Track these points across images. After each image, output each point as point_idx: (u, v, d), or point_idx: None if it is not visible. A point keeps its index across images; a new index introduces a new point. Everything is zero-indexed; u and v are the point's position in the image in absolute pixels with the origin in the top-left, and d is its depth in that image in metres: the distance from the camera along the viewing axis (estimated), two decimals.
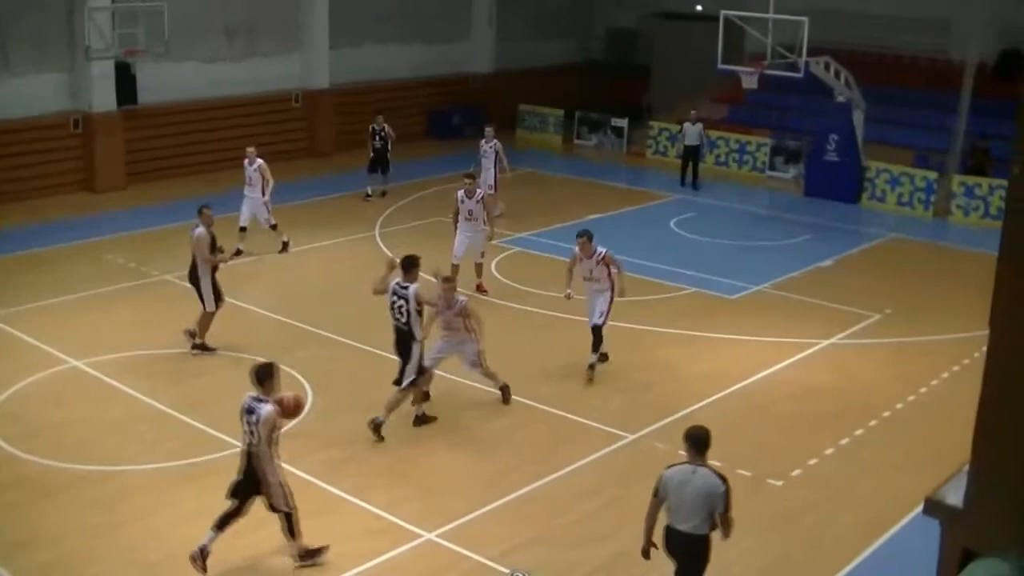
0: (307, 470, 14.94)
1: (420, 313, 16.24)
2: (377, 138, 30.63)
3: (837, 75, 31.30)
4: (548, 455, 15.75)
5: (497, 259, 25.02)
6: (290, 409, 12.80)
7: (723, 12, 29.98)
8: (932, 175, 31.14)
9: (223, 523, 12.67)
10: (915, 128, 34.92)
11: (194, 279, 19.46)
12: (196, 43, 32.77)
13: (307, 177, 32.76)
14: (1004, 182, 27.40)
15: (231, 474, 12.75)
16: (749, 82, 29.92)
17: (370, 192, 30.84)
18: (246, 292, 22.35)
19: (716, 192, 32.64)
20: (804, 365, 19.53)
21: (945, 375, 18.99)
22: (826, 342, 20.53)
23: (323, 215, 28.64)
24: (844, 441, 16.44)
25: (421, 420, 16.77)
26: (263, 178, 25.29)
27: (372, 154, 30.70)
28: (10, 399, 17.23)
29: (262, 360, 13.30)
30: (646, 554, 11.23)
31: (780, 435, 16.55)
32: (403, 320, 16.07)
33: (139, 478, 14.91)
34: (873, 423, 17.11)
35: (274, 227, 25.39)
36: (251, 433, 12.44)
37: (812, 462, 15.71)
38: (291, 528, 12.78)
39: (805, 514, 14.45)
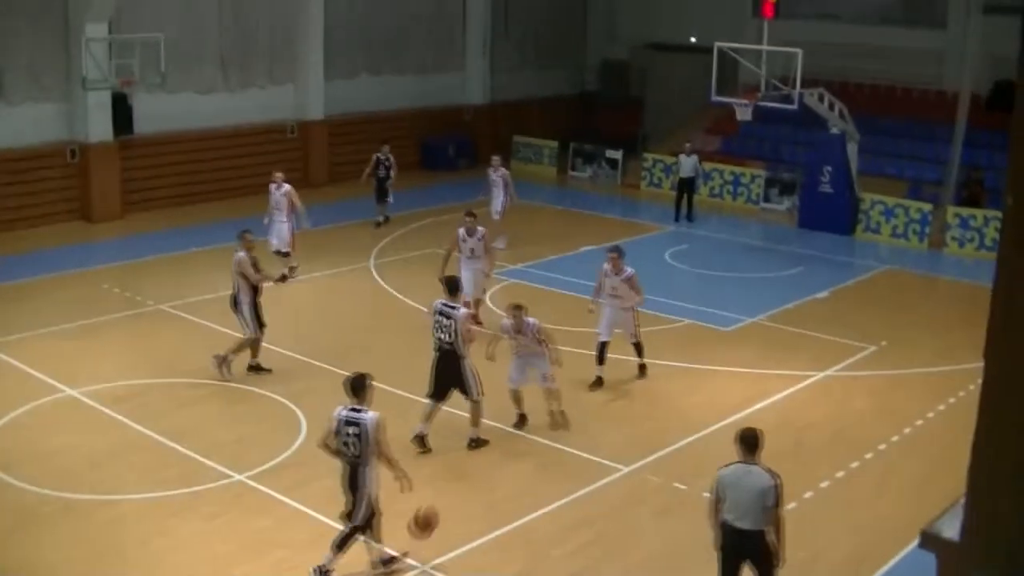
0: (302, 500, 14.93)
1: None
2: (382, 167, 30.75)
3: (831, 106, 31.39)
4: (541, 487, 15.72)
5: (492, 290, 25.01)
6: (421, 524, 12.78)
7: (717, 44, 30.12)
8: (927, 206, 31.19)
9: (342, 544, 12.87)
10: (909, 159, 35.04)
11: (235, 304, 19.58)
12: (192, 74, 32.89)
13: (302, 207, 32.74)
14: (999, 213, 27.47)
15: (225, 504, 12.69)
16: (743, 114, 29.98)
17: (381, 220, 31.07)
18: (239, 322, 22.30)
19: (710, 224, 32.68)
20: (799, 397, 19.51)
21: (941, 407, 18.98)
22: (821, 374, 20.52)
23: (318, 246, 28.60)
24: (839, 474, 16.41)
25: (476, 443, 17.07)
26: (290, 203, 25.62)
27: (376, 183, 30.82)
28: (4, 427, 17.21)
29: (354, 373, 13.35)
30: (717, 548, 11.81)
31: (775, 468, 16.50)
32: (447, 339, 15.95)
33: (133, 507, 14.85)
34: (868, 456, 17.08)
35: (287, 254, 25.56)
36: (352, 445, 12.52)
37: (807, 495, 15.67)
38: (344, 543, 12.87)
39: (800, 547, 14.35)
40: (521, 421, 17.78)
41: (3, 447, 16.47)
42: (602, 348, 19.46)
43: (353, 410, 12.64)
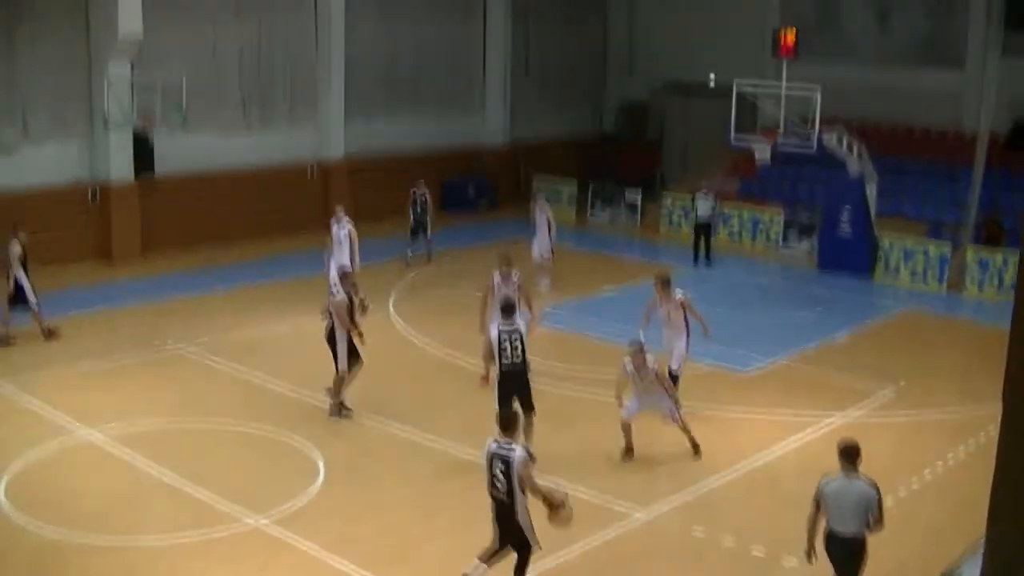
0: (316, 542, 14.90)
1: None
2: (417, 204, 31.16)
3: (850, 147, 31.39)
4: (560, 533, 15.60)
5: None
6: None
7: (736, 84, 30.15)
8: (945, 248, 31.10)
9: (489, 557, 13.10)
10: (928, 200, 34.97)
11: (331, 341, 19.77)
12: (213, 114, 33.06)
13: (322, 248, 32.79)
14: (1017, 254, 27.47)
15: (241, 548, 12.66)
16: (762, 155, 30.02)
17: (410, 256, 31.32)
18: (259, 365, 22.38)
19: (729, 265, 32.65)
20: (818, 440, 19.40)
21: (961, 450, 18.88)
22: (840, 416, 20.43)
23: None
24: None
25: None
26: (351, 239, 26.24)
27: (412, 220, 31.24)
28: (22, 468, 17.22)
29: (506, 409, 13.86)
30: (809, 557, 12.71)
31: (795, 512, 16.32)
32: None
33: (150, 550, 14.83)
34: (887, 500, 16.97)
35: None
36: (500, 482, 12.61)
37: None
38: (524, 565, 13.03)
39: None
40: (628, 453, 18.16)
41: (20, 487, 16.48)
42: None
43: (502, 446, 12.75)
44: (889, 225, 32.56)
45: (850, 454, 12.47)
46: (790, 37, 29.31)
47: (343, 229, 26.38)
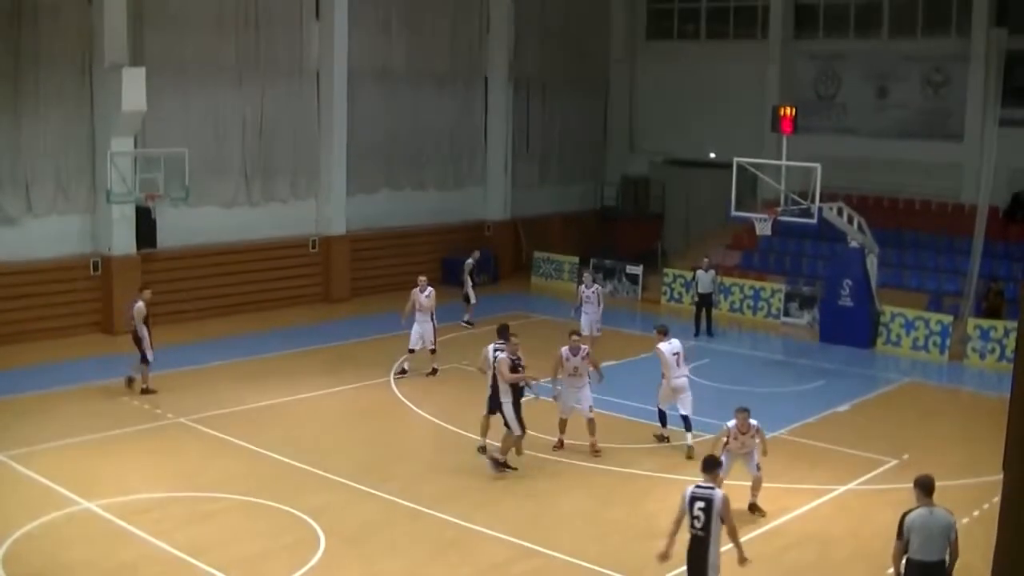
0: None
1: None
2: (475, 272, 33.01)
3: (850, 220, 31.49)
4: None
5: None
6: None
7: (736, 159, 30.30)
8: (947, 319, 31.15)
9: None
10: (929, 271, 35.11)
11: (495, 403, 20.56)
12: (215, 188, 33.27)
13: (323, 322, 32.92)
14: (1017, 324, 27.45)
15: None
16: (763, 228, 30.08)
17: (466, 320, 32.95)
18: (260, 436, 22.32)
19: (731, 338, 32.65)
20: (822, 511, 19.33)
21: (965, 520, 18.72)
22: (843, 488, 20.35)
23: (338, 360, 28.68)
24: None
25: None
26: (433, 303, 27.57)
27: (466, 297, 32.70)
28: (21, 540, 17.11)
29: (708, 455, 14.61)
30: None
31: None
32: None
33: None
34: (891, 572, 16.86)
35: (433, 351, 27.59)
36: (699, 520, 13.50)
37: None
38: None
39: None
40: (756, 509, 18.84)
41: (20, 560, 16.37)
42: None
43: (701, 487, 13.62)
44: (890, 297, 32.64)
45: (928, 487, 13.34)
46: (789, 113, 29.45)
47: (424, 292, 27.55)
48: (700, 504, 13.47)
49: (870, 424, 24.62)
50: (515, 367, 20.47)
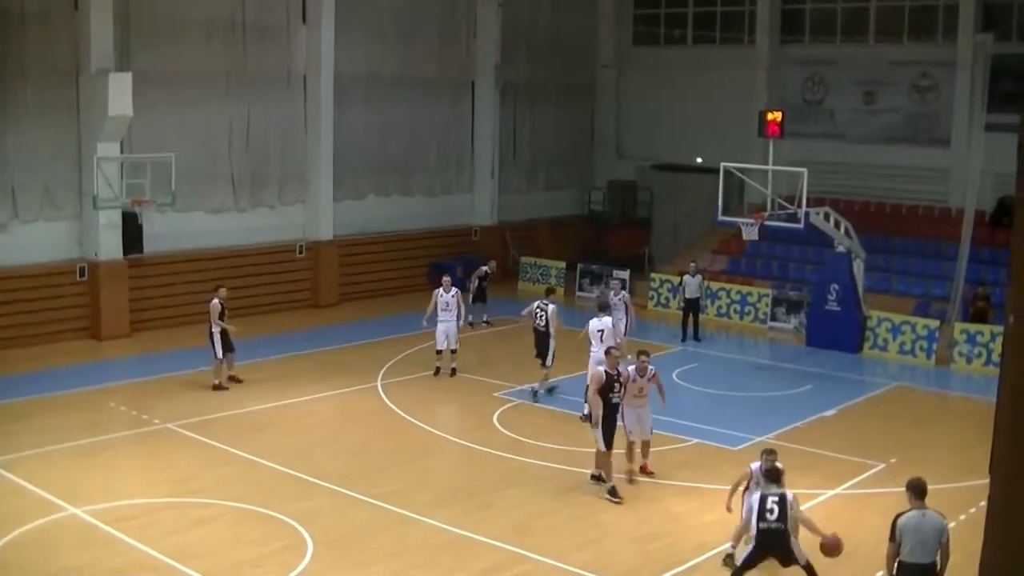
0: None
1: None
2: (487, 279, 33.95)
3: (837, 225, 31.55)
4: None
5: (499, 411, 24.99)
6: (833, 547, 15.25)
7: (723, 164, 30.36)
8: (933, 323, 31.24)
9: None
10: (916, 276, 35.20)
11: (588, 417, 20.36)
12: (202, 194, 33.24)
13: (310, 327, 32.91)
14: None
15: None
16: (749, 233, 30.09)
17: (485, 320, 34.09)
18: (248, 442, 22.31)
19: (718, 343, 32.70)
20: (810, 516, 19.32)
21: (952, 524, 18.63)
22: (831, 492, 20.39)
23: (326, 366, 28.66)
24: None
25: None
26: (459, 304, 28.37)
27: (478, 291, 33.47)
28: (7, 546, 17.07)
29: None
30: None
31: None
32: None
33: None
34: (882, 574, 16.90)
35: (454, 352, 28.16)
36: (771, 511, 15.05)
37: None
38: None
39: None
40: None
41: (8, 567, 16.33)
42: None
43: (773, 492, 15.28)
44: (877, 301, 32.73)
45: (920, 489, 13.55)
46: (776, 118, 29.50)
47: (449, 292, 28.13)
48: (774, 498, 15.17)
49: (858, 428, 24.66)
50: (610, 385, 19.45)
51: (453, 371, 28.05)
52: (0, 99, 28.92)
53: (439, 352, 28.03)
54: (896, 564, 13.62)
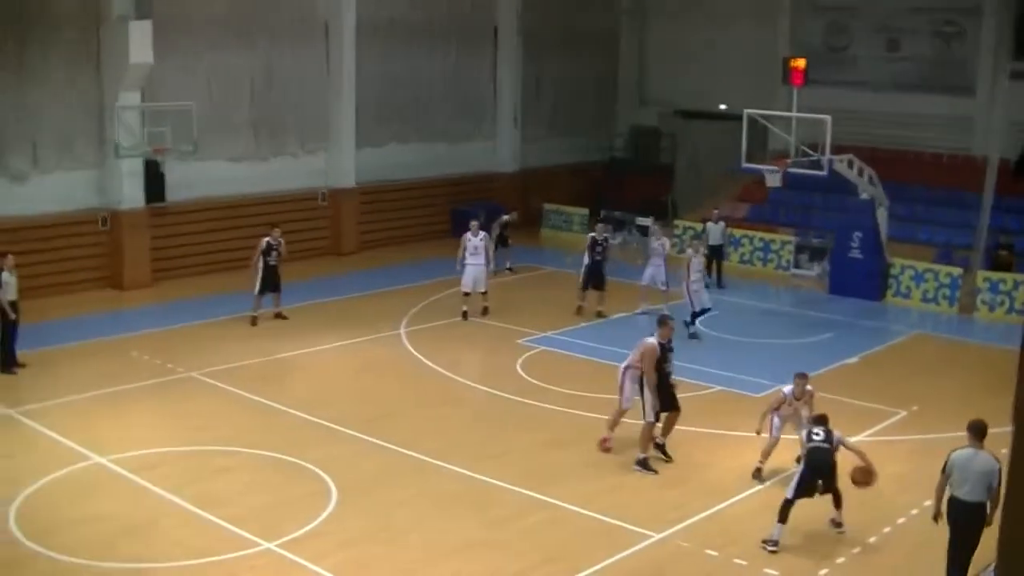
0: (332, 568, 14.89)
1: None
2: (509, 227, 34.05)
3: (860, 172, 31.38)
4: (572, 554, 15.62)
5: (522, 358, 25.03)
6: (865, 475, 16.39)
7: (746, 111, 30.19)
8: (956, 271, 31.11)
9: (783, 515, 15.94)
10: (939, 224, 35.02)
11: (640, 388, 19.04)
12: (224, 142, 33.16)
13: (332, 275, 32.94)
14: None
15: (255, 572, 12.61)
16: (773, 180, 29.94)
17: (508, 267, 33.97)
18: (271, 390, 22.39)
19: (740, 290, 32.61)
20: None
21: None
22: (852, 440, 20.36)
23: (348, 314, 28.70)
24: (872, 540, 16.30)
25: None
26: (488, 248, 28.80)
27: (499, 240, 33.04)
28: (33, 495, 17.22)
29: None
30: (936, 519, 14.32)
31: (806, 535, 16.39)
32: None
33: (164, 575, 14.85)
34: (901, 520, 16.96)
35: (484, 293, 28.60)
36: (818, 435, 16.18)
37: (840, 561, 15.57)
38: (840, 502, 16.37)
39: None
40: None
41: (33, 515, 16.48)
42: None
43: (818, 433, 16.27)
44: (900, 250, 32.57)
45: (978, 430, 14.07)
46: (800, 65, 29.32)
47: (478, 235, 28.50)
48: (818, 428, 16.32)
49: (880, 376, 24.64)
50: (664, 355, 19.01)
51: (485, 309, 28.45)
52: (20, 49, 28.84)
53: (466, 294, 28.29)
54: (948, 498, 14.12)
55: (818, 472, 15.99)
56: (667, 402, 19.03)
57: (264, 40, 33.89)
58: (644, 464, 18.76)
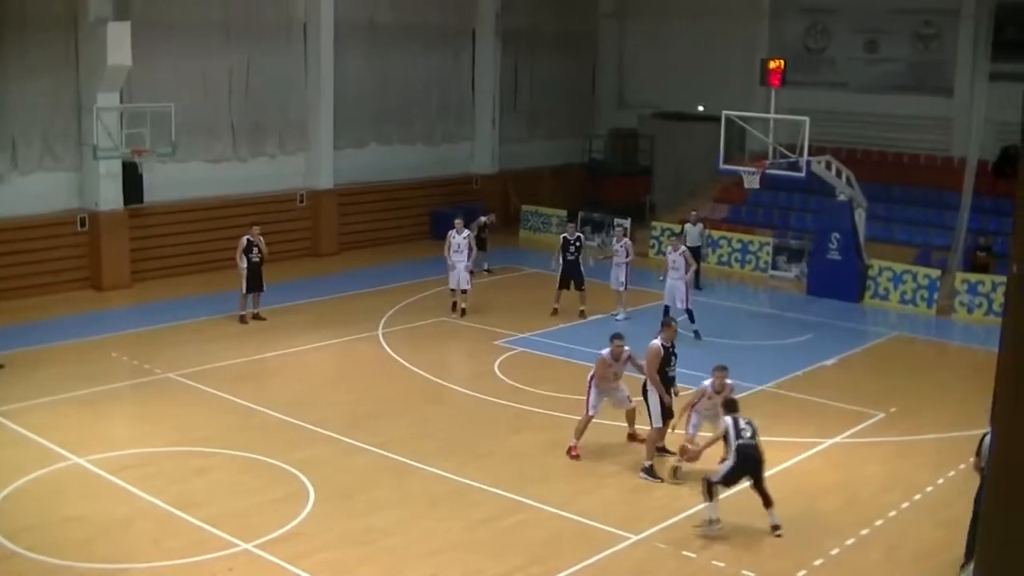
0: (309, 570, 14.87)
1: None
2: (487, 229, 33.72)
3: (838, 174, 31.47)
4: (551, 556, 15.63)
5: (500, 359, 25.04)
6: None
7: (724, 112, 30.23)
8: (935, 273, 31.20)
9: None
10: (917, 226, 35.14)
11: (644, 393, 18.92)
12: (202, 143, 33.12)
13: (311, 276, 32.89)
14: (1006, 279, 27.41)
15: (234, 572, 12.57)
16: (751, 182, 29.98)
17: (487, 268, 33.87)
18: (250, 391, 22.36)
19: (718, 292, 32.68)
20: (808, 464, 19.42)
21: (951, 473, 18.87)
22: (830, 441, 20.45)
23: (326, 315, 28.68)
24: (849, 541, 16.31)
25: None
26: (470, 247, 29.18)
27: (478, 242, 32.11)
28: (11, 495, 17.16)
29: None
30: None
31: (785, 536, 16.42)
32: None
33: None
34: (879, 522, 16.99)
35: (465, 292, 28.83)
36: (747, 432, 16.48)
37: (818, 563, 15.57)
38: (769, 502, 16.55)
39: None
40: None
41: (10, 516, 16.41)
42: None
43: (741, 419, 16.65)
44: (878, 251, 32.67)
45: None
46: (778, 67, 29.39)
47: (462, 234, 29.01)
48: (745, 421, 16.53)
49: (857, 377, 24.71)
50: (668, 358, 18.90)
51: (463, 311, 28.58)
52: None
53: (453, 290, 28.89)
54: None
55: (747, 468, 16.42)
56: (668, 414, 18.88)
57: (243, 42, 33.81)
58: (650, 471, 18.61)
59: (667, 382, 18.84)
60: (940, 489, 18.36)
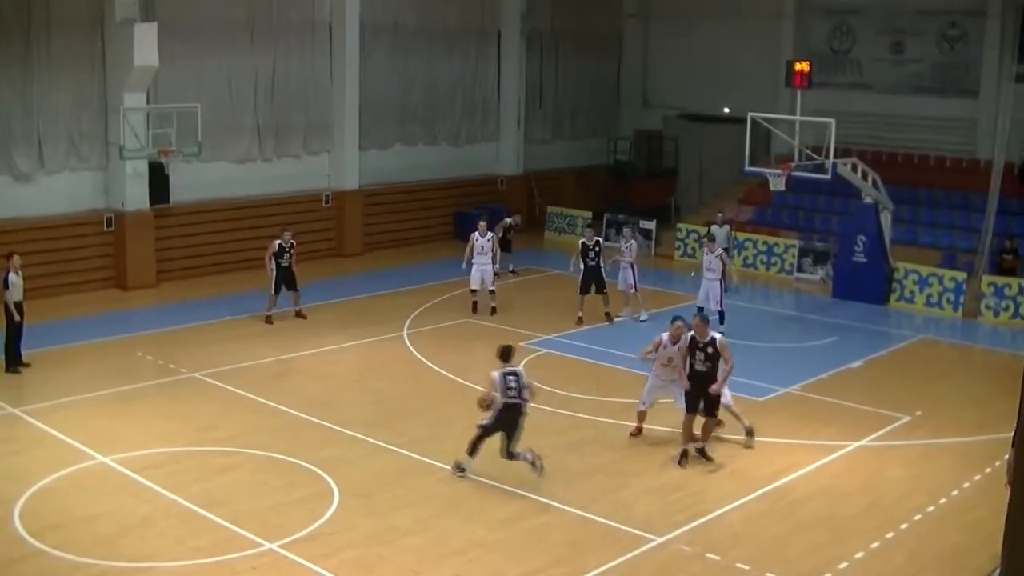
0: (333, 570, 14.87)
1: None
2: (512, 230, 33.72)
3: (864, 176, 31.37)
4: (574, 558, 15.61)
5: (525, 361, 25.01)
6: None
7: (750, 114, 30.17)
8: (961, 275, 31.06)
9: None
10: (943, 228, 35.02)
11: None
12: (228, 144, 33.24)
13: (336, 277, 32.95)
14: None
15: (257, 573, 12.59)
16: (776, 184, 29.90)
17: (511, 269, 33.94)
18: (274, 391, 22.40)
19: (744, 294, 32.56)
20: (833, 467, 19.35)
21: (976, 477, 18.80)
22: (855, 444, 20.37)
23: (351, 315, 28.72)
24: (874, 544, 16.24)
25: None
26: (495, 247, 29.47)
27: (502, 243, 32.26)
28: (37, 493, 17.22)
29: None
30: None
31: (809, 539, 16.37)
32: None
33: (165, 575, 14.88)
34: (904, 526, 16.92)
35: (492, 292, 29.12)
36: (512, 388, 17.65)
37: (842, 566, 15.51)
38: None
39: None
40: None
41: (36, 514, 16.49)
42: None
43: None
44: (904, 253, 32.57)
45: None
46: (804, 68, 29.31)
47: (485, 236, 29.12)
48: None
49: (882, 381, 24.62)
50: (694, 351, 18.83)
51: (493, 309, 28.86)
52: (25, 50, 28.91)
53: (473, 291, 28.94)
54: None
55: (506, 427, 17.79)
56: (691, 403, 18.96)
57: (268, 42, 33.92)
58: (683, 456, 19.01)
59: (694, 376, 18.84)
60: (965, 493, 18.28)
